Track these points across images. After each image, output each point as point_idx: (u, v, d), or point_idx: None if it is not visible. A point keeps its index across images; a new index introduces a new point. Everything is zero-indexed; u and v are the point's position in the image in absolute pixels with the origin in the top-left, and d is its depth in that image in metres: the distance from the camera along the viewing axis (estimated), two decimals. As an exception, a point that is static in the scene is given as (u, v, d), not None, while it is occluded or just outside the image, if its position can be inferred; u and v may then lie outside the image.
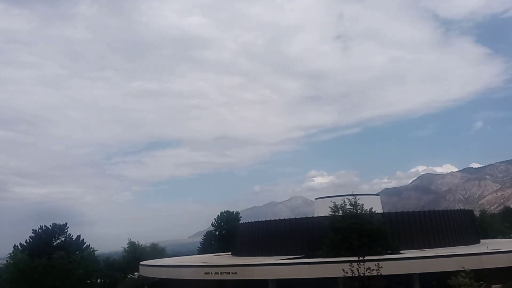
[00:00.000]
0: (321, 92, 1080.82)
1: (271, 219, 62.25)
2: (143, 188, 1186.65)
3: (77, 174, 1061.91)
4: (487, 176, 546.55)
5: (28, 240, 66.04)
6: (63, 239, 67.58)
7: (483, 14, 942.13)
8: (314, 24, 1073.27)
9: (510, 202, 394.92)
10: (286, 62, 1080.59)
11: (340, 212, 43.42)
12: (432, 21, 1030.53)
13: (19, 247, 64.31)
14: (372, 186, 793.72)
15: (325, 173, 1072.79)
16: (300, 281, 39.70)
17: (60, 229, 68.06)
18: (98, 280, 65.88)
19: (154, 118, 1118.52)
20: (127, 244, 74.94)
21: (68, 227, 68.57)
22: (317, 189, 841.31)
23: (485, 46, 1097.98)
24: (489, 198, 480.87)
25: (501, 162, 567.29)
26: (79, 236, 68.46)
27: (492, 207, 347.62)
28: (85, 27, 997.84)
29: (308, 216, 61.16)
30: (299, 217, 61.12)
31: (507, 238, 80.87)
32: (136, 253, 71.52)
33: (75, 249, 64.90)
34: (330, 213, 44.47)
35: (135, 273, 62.99)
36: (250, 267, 42.51)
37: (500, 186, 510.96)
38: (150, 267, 54.49)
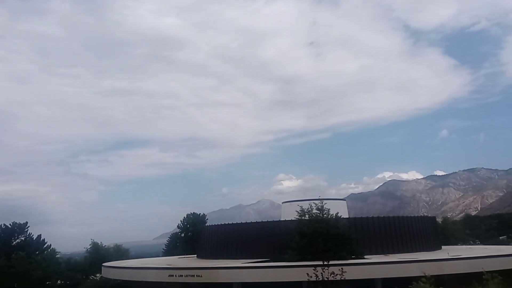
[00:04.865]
0: (293, 97, 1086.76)
1: (238, 222, 62.07)
2: (109, 188, 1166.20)
3: (42, 171, 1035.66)
4: (450, 184, 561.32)
5: (-15, 239, 64.10)
6: (23, 238, 66.00)
7: (452, 26, 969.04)
8: (288, 30, 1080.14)
9: (471, 210, 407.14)
10: (260, 66, 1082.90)
11: (307, 216, 43.57)
12: (402, 31, 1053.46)
13: (-24, 246, 62.34)
14: (339, 191, 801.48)
15: (294, 177, 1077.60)
16: (265, 285, 39.64)
17: (20, 228, 66.43)
18: (58, 282, 64.36)
19: (123, 117, 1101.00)
20: (90, 244, 73.49)
21: (28, 226, 67.11)
22: (285, 192, 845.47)
23: (453, 57, 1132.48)
24: (451, 205, 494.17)
25: (463, 170, 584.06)
26: (39, 236, 66.98)
27: (454, 214, 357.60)
28: (57, 23, 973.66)
29: (275, 220, 61.19)
30: (266, 220, 61.17)
31: (467, 244, 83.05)
32: (98, 254, 70.21)
33: (35, 249, 63.44)
34: (297, 217, 44.59)
35: (97, 275, 61.77)
36: (215, 270, 42.26)
37: (462, 194, 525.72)
38: (113, 269, 53.47)
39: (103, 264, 57.54)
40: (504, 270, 29.46)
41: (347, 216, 56.53)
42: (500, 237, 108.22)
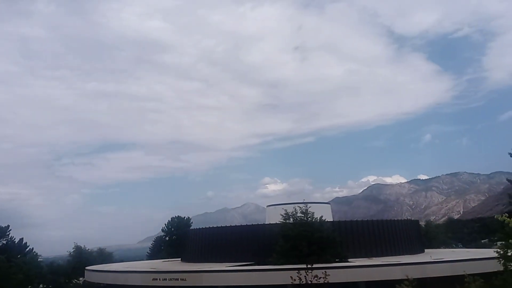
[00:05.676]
0: (278, 100, 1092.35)
1: (223, 225, 61.95)
2: (93, 191, 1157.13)
3: (25, 174, 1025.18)
4: (433, 188, 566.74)
5: (-34, 243, 63.10)
6: (4, 242, 65.04)
7: (435, 32, 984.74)
8: (274, 35, 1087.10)
9: (454, 213, 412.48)
10: (245, 70, 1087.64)
11: (291, 219, 43.63)
12: (387, 37, 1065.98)
13: (-44, 249, 61.28)
14: (324, 195, 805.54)
15: (279, 181, 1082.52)
16: (249, 288, 39.62)
17: (2, 231, 65.53)
18: (40, 286, 63.50)
19: (108, 120, 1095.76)
20: (73, 248, 72.65)
21: (10, 230, 66.16)
22: (270, 196, 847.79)
23: (436, 63, 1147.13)
24: (434, 209, 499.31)
25: (446, 174, 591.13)
26: (21, 240, 66.05)
27: (437, 218, 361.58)
28: (42, 25, 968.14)
29: (259, 223, 61.20)
30: (251, 224, 61.13)
31: (449, 248, 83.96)
32: (82, 258, 69.39)
33: (17, 253, 62.49)
34: (281, 220, 44.64)
35: (80, 279, 61.13)
36: (199, 274, 42.08)
37: (444, 197, 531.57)
38: (96, 272, 52.92)
39: (86, 267, 56.90)
40: (485, 273, 29.77)
41: (332, 220, 56.76)
42: (482, 241, 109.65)
